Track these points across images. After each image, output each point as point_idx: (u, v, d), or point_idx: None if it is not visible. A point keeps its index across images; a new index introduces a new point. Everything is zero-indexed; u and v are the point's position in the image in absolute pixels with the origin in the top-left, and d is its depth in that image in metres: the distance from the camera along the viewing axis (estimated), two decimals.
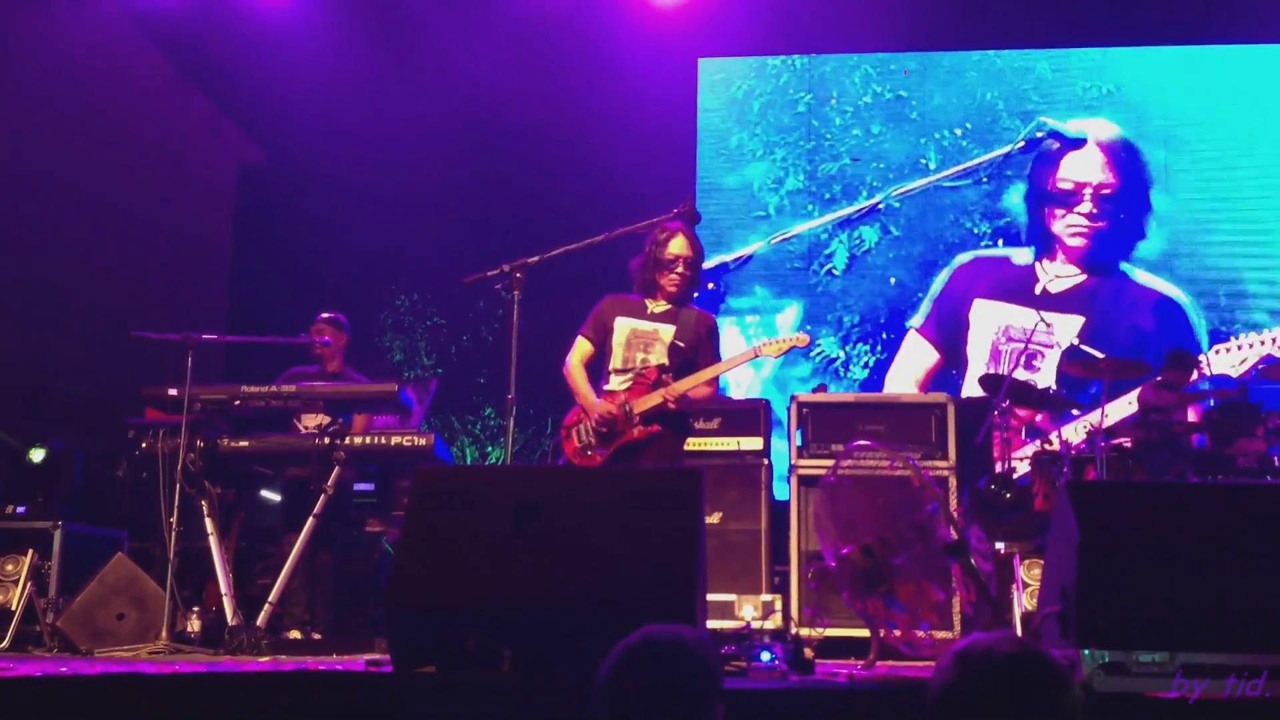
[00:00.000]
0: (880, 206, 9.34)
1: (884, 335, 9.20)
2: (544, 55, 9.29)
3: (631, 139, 9.18)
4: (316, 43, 8.87)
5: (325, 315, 6.74)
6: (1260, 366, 7.84)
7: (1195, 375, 7.52)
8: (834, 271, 9.33)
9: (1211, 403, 7.12)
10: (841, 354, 9.18)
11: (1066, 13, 9.32)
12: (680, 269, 5.20)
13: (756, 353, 5.28)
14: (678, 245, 5.20)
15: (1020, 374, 7.70)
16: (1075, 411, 7.67)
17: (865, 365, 9.17)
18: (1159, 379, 7.75)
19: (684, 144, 9.79)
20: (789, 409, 6.42)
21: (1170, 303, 8.89)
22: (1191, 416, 7.57)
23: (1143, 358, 7.77)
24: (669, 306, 5.24)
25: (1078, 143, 9.22)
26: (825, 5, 9.16)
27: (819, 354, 9.19)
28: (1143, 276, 8.95)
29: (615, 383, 5.19)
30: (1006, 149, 9.23)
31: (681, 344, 5.14)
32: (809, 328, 9.11)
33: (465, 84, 9.37)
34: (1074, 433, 7.55)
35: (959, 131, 9.39)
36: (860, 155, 9.48)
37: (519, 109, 9.46)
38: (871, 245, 9.34)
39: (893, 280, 9.26)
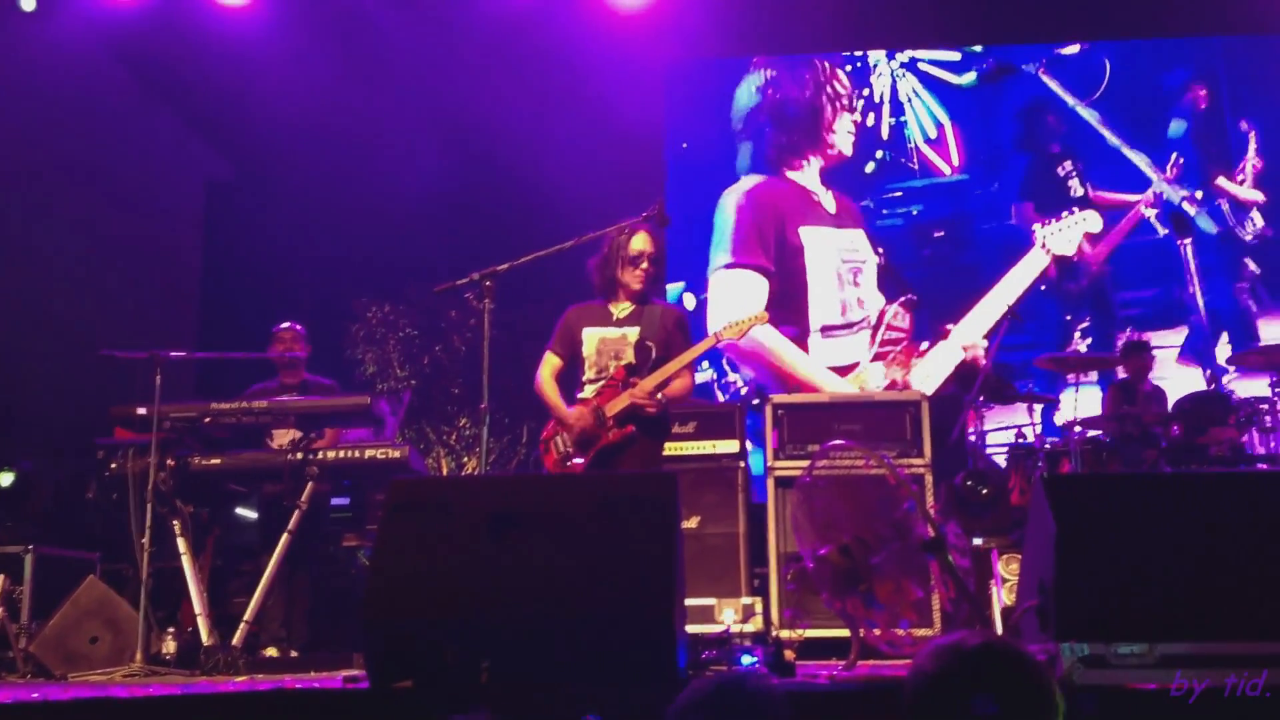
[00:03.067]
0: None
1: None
2: (510, 64, 9.27)
3: (600, 144, 9.18)
4: (282, 56, 8.83)
5: (286, 325, 6.68)
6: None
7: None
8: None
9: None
10: None
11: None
12: (645, 265, 5.18)
13: (718, 338, 5.25)
14: (641, 241, 5.19)
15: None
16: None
17: None
18: (1122, 377, 7.87)
19: (652, 147, 9.80)
20: (764, 410, 6.41)
21: None
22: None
23: None
24: (633, 307, 5.22)
25: None
26: (794, 7, 9.18)
27: None
28: None
29: (589, 391, 5.17)
30: None
31: (649, 342, 5.11)
32: None
33: (432, 95, 9.35)
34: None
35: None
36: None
37: (485, 118, 9.44)
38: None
39: None
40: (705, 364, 9.01)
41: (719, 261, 9.01)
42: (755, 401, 8.52)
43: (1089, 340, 8.57)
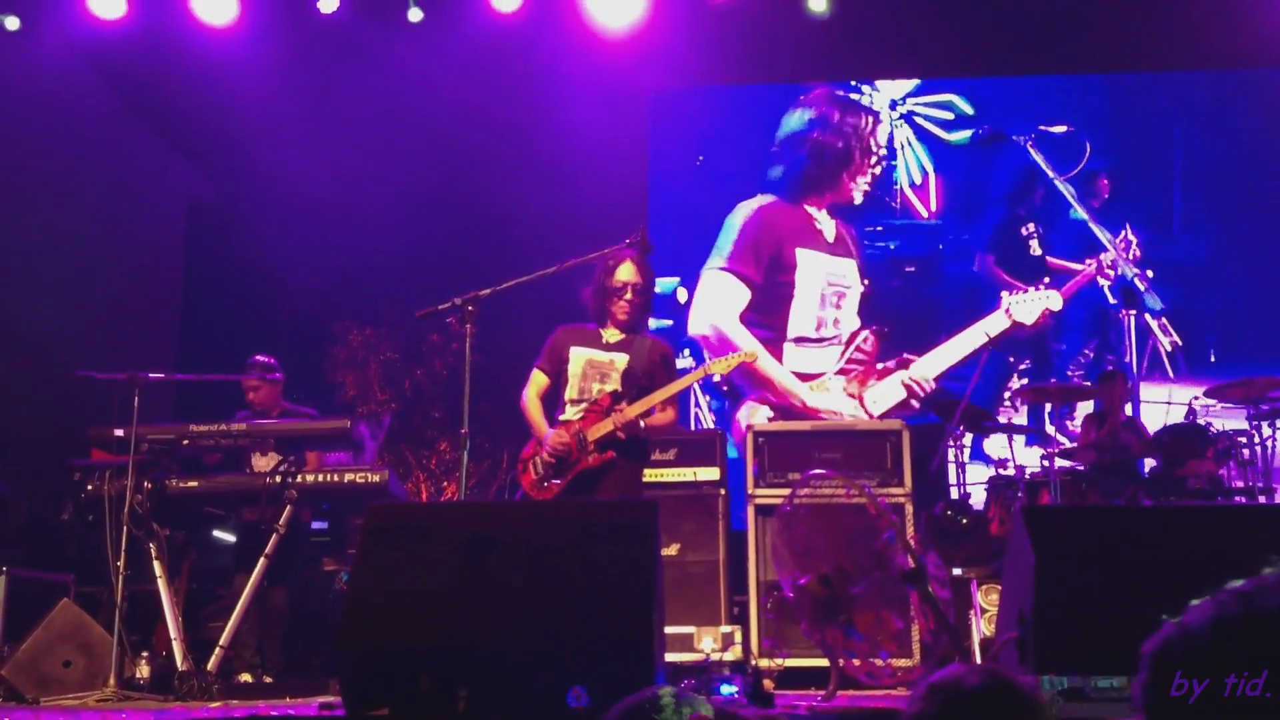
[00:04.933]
0: None
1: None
2: (496, 87, 9.29)
3: (584, 170, 9.19)
4: (265, 75, 8.82)
5: (255, 359, 6.62)
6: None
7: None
8: None
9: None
10: None
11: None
12: (629, 295, 5.19)
13: (706, 370, 5.29)
14: (625, 272, 5.20)
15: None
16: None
17: None
18: (1097, 410, 7.92)
19: (636, 174, 9.83)
20: (745, 438, 6.41)
21: None
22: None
23: None
24: (623, 335, 5.23)
25: None
26: (779, 37, 9.24)
27: None
28: None
29: (570, 412, 5.16)
30: None
31: (636, 371, 5.12)
32: None
33: (416, 116, 9.35)
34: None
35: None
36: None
37: (470, 141, 9.45)
38: None
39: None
40: (686, 351, 9.51)
41: (714, 263, 9.80)
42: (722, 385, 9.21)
43: (1024, 380, 9.40)
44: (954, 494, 7.64)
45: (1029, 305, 9.35)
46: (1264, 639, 1.24)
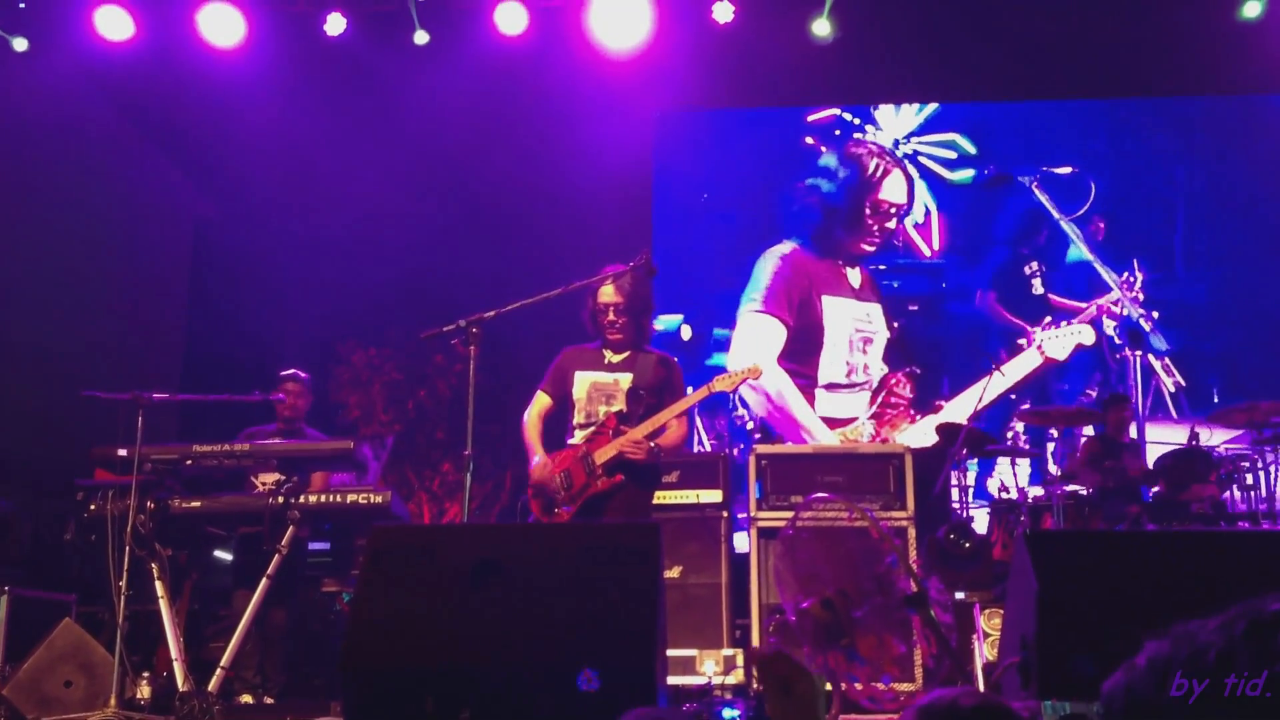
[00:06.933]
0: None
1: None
2: (502, 109, 9.33)
3: (589, 192, 9.22)
4: (271, 97, 8.86)
5: (290, 374, 6.67)
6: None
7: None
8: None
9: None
10: None
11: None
12: (611, 316, 5.20)
13: (710, 389, 5.28)
14: (604, 293, 5.22)
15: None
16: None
17: None
18: (1103, 430, 7.92)
19: (641, 195, 9.86)
20: (748, 461, 6.40)
21: None
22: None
23: None
24: (626, 353, 5.23)
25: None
26: (784, 61, 9.28)
27: None
28: None
29: (579, 437, 5.17)
30: None
31: (641, 389, 5.12)
32: None
33: (421, 138, 9.38)
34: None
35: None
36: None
37: (475, 163, 9.48)
38: None
39: None
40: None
41: (750, 305, 9.72)
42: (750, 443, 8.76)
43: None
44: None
45: (1061, 340, 9.24)
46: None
